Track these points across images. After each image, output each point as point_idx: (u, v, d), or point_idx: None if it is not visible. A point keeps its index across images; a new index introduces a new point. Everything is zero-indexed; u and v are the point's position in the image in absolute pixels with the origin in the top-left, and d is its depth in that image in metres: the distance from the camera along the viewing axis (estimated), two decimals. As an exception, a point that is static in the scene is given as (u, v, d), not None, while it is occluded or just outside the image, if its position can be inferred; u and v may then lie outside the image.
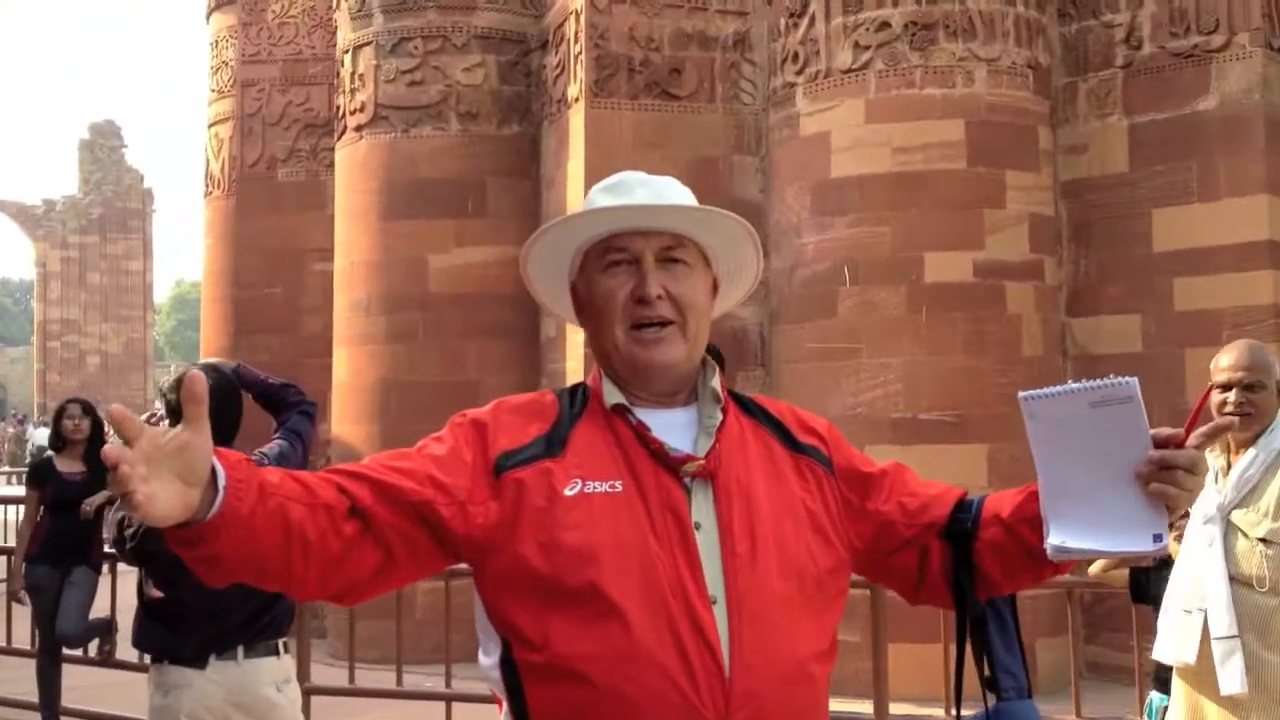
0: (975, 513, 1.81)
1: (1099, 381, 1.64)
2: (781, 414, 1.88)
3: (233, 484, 1.49)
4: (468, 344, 9.09)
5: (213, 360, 4.06)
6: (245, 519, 1.50)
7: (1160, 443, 1.63)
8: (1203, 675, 3.31)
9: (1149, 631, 5.93)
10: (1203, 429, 1.66)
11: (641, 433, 1.73)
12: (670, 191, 1.82)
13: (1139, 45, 7.59)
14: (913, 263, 7.34)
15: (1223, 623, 3.26)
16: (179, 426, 1.46)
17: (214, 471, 1.48)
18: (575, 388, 1.83)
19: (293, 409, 3.87)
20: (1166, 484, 1.62)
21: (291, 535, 1.56)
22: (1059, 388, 1.66)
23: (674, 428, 1.75)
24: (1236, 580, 3.29)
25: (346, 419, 9.43)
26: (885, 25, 7.44)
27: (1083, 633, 7.36)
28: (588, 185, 7.95)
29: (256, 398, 3.93)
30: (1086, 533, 1.67)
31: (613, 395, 1.77)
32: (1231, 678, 3.23)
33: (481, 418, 1.76)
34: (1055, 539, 1.69)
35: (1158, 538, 1.64)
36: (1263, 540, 3.26)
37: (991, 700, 1.92)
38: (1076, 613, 5.54)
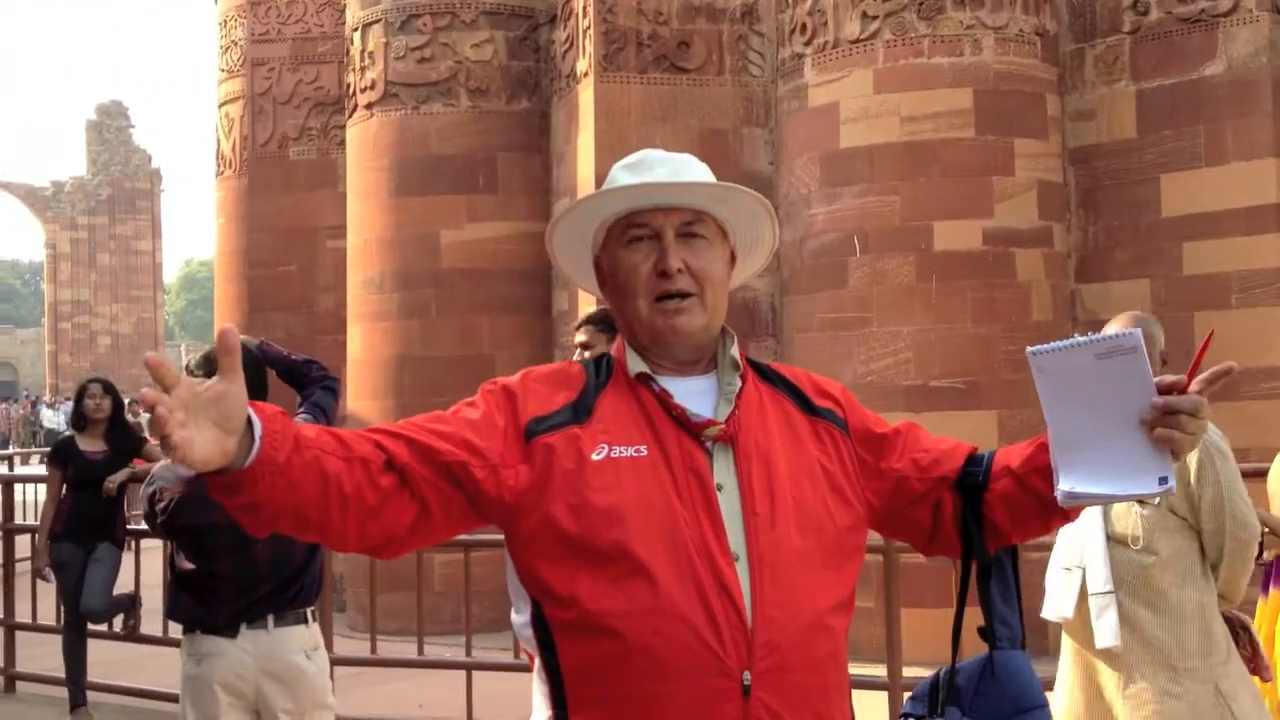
0: (986, 466, 1.90)
1: (1104, 333, 1.72)
2: (798, 379, 1.96)
3: (269, 434, 1.56)
4: (480, 319, 9.16)
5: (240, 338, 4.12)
6: (282, 467, 1.57)
7: (1164, 389, 1.72)
8: (1083, 630, 3.50)
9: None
10: (1205, 374, 1.74)
11: (664, 399, 1.81)
12: (689, 169, 1.91)
13: (1146, 11, 7.59)
14: (922, 232, 7.38)
15: (1099, 579, 3.45)
16: (215, 378, 1.53)
17: (250, 423, 1.55)
18: (600, 358, 1.92)
19: (316, 384, 3.95)
20: (1171, 428, 1.70)
21: (329, 486, 1.63)
22: (1066, 341, 1.75)
23: (695, 394, 1.83)
24: (1113, 539, 3.48)
25: (362, 395, 9.51)
26: (893, -6, 7.45)
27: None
28: (598, 159, 8.10)
29: (280, 374, 4.01)
30: (1095, 479, 1.76)
31: (636, 364, 1.85)
32: (1105, 632, 3.41)
33: (512, 385, 1.84)
34: (1065, 485, 1.77)
35: (1163, 480, 1.73)
36: (1138, 501, 3.39)
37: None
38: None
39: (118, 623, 6.96)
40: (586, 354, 3.39)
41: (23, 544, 7.78)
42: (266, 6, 11.08)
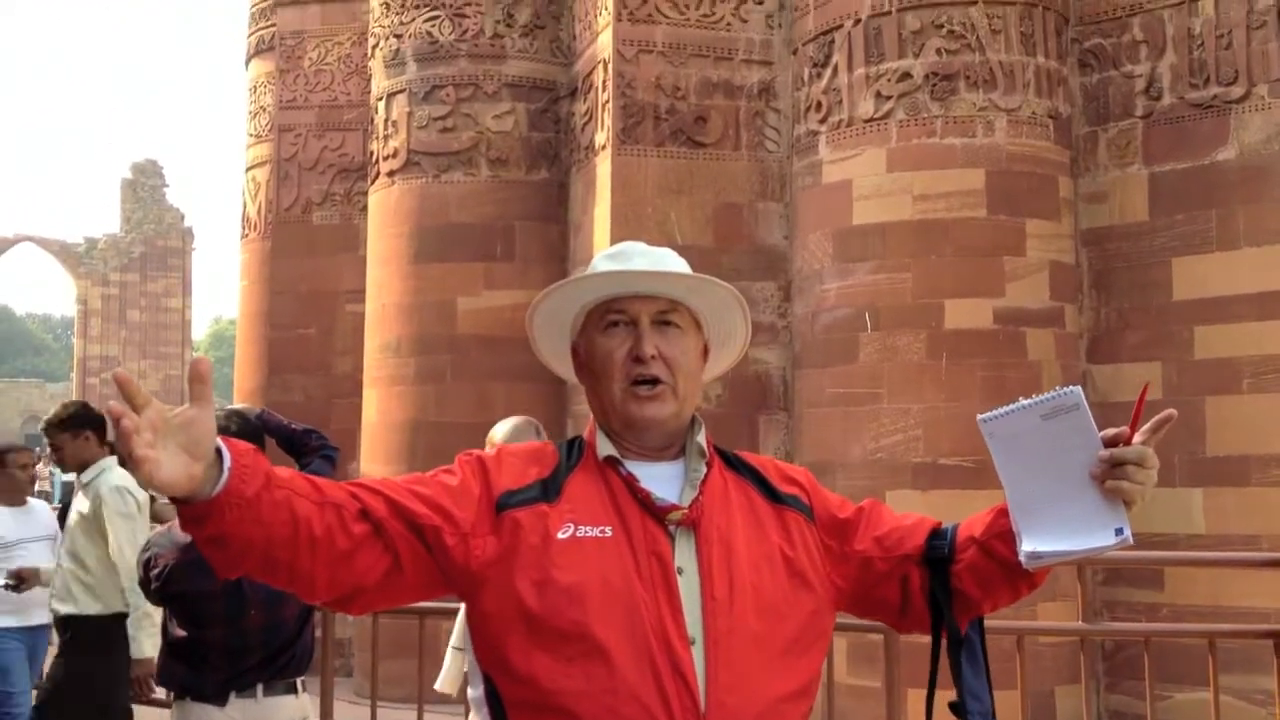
0: (951, 538, 1.93)
1: (1047, 394, 1.76)
2: (763, 467, 2.00)
3: (238, 467, 1.59)
4: (495, 385, 9.21)
5: (238, 406, 4.19)
6: (250, 501, 1.60)
7: (1109, 442, 1.76)
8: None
9: (1166, 679, 5.95)
10: (1147, 424, 1.78)
11: (631, 483, 1.85)
12: (667, 260, 1.97)
13: (1159, 96, 7.66)
14: (933, 309, 7.41)
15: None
16: (186, 404, 1.56)
17: (222, 456, 1.59)
18: (572, 441, 1.97)
19: (315, 454, 3.99)
20: (1120, 480, 1.75)
21: (299, 527, 1.66)
22: (1011, 405, 1.79)
23: (662, 479, 1.88)
24: None
25: (375, 459, 9.56)
26: (907, 76, 7.55)
27: (1104, 680, 7.39)
28: (614, 230, 8.19)
29: (280, 443, 4.06)
30: (1055, 537, 1.79)
31: (605, 448, 1.89)
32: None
33: (487, 458, 1.89)
34: (1028, 546, 1.80)
35: (1119, 531, 1.77)
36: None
37: None
38: (1092, 660, 5.56)
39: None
40: None
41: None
42: (295, 74, 11.30)
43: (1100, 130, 7.87)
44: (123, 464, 5.64)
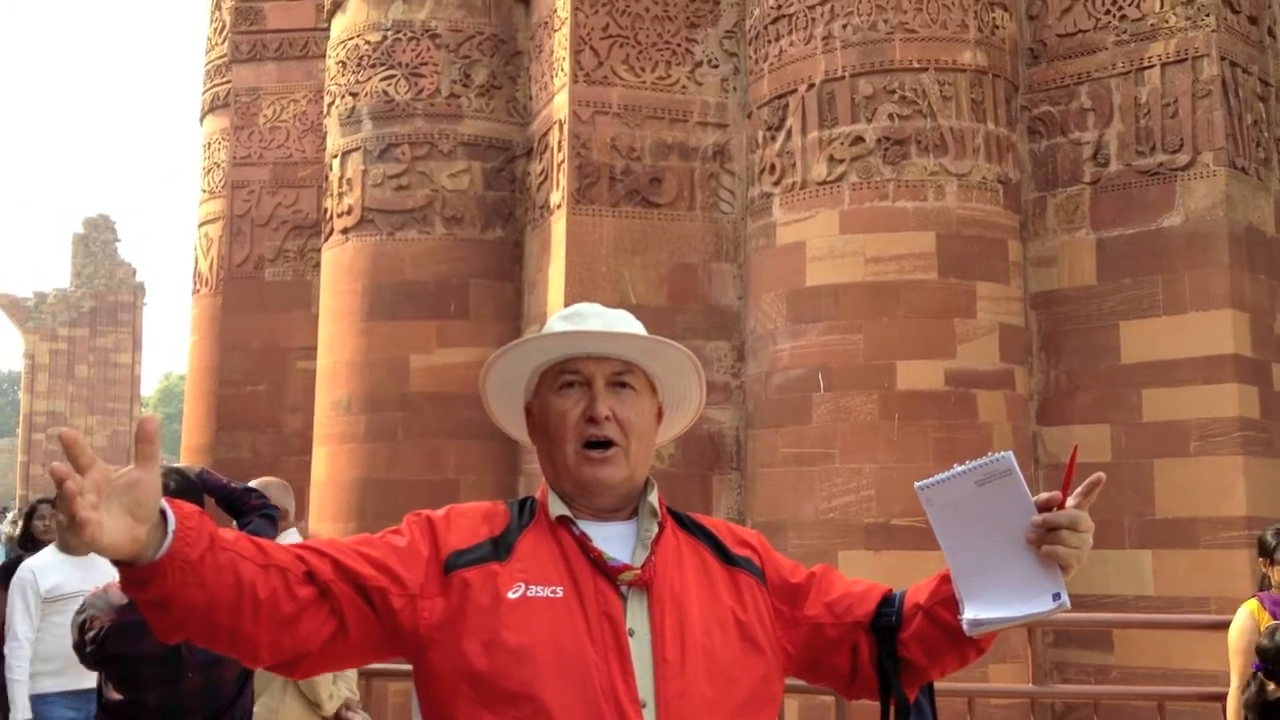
0: (899, 606, 1.92)
1: (980, 460, 1.76)
2: (717, 529, 1.99)
3: (183, 529, 1.56)
4: (447, 444, 9.15)
5: (177, 465, 4.13)
6: (194, 564, 1.56)
7: (1042, 507, 1.75)
8: None
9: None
10: (1079, 488, 1.78)
11: (583, 542, 1.83)
12: (623, 323, 1.96)
13: (1106, 162, 7.79)
14: (885, 370, 7.44)
15: None
16: (130, 465, 1.53)
17: (166, 518, 1.55)
18: (524, 500, 1.95)
19: (255, 513, 3.93)
20: (1054, 544, 1.75)
21: (243, 590, 1.62)
22: (946, 473, 1.79)
23: (614, 540, 1.86)
24: None
25: (325, 517, 9.44)
26: (859, 140, 7.64)
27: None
28: (568, 289, 8.19)
29: (219, 502, 4.00)
30: (996, 604, 1.79)
31: (557, 508, 1.88)
32: None
33: (436, 517, 1.86)
34: (970, 614, 1.80)
35: (1056, 596, 1.77)
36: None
37: None
38: (1043, 723, 5.54)
39: None
40: None
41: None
42: (250, 131, 11.29)
43: (1049, 195, 7.98)
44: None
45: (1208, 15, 7.50)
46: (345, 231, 9.59)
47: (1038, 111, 8.06)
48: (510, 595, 1.75)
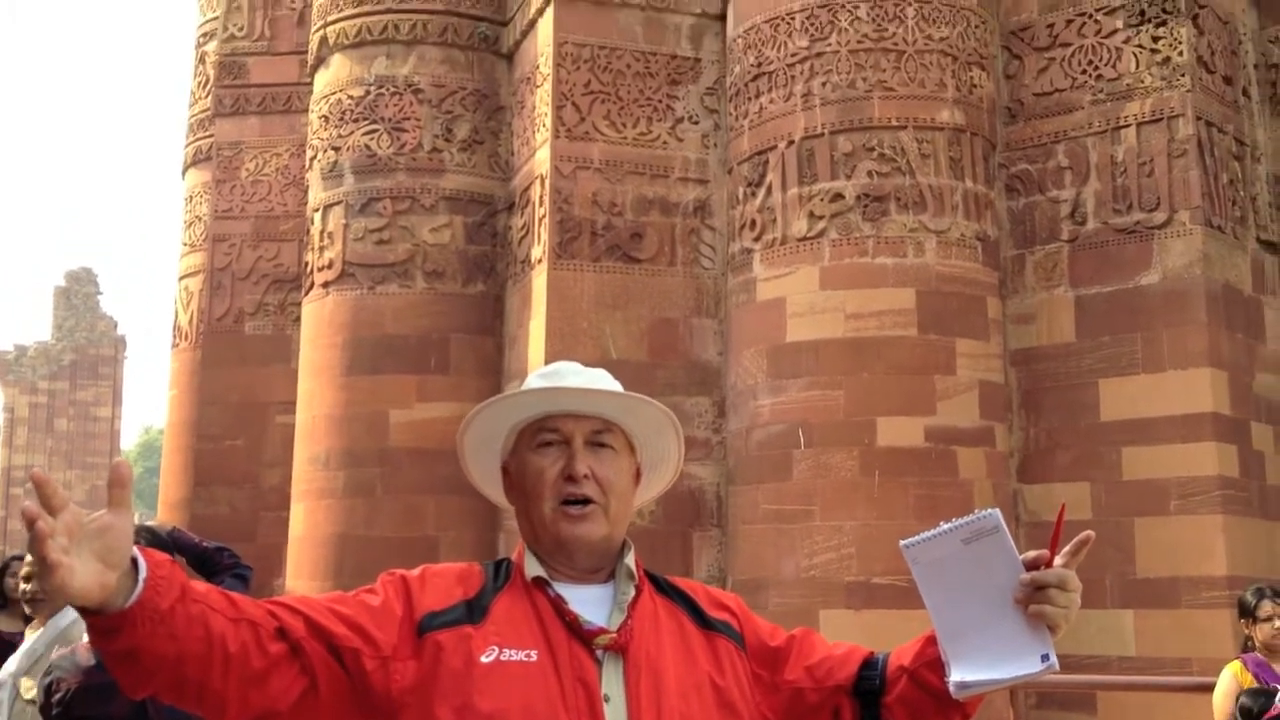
0: (881, 669, 1.89)
1: (966, 518, 1.73)
2: (694, 591, 1.96)
3: (154, 578, 1.52)
4: (426, 499, 9.08)
5: (148, 523, 4.08)
6: (164, 615, 1.52)
7: (1030, 565, 1.72)
8: None
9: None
10: (1067, 546, 1.75)
11: (559, 605, 1.80)
12: (602, 381, 1.95)
13: (1084, 220, 7.84)
14: (866, 427, 7.43)
15: None
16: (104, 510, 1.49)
17: (137, 566, 1.51)
18: (500, 562, 1.92)
19: (227, 572, 3.88)
20: (1042, 604, 1.72)
21: (213, 644, 1.58)
22: (932, 531, 1.75)
23: (590, 602, 1.83)
24: None
25: (301, 574, 9.34)
26: (839, 196, 7.67)
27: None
28: (549, 344, 8.17)
29: (190, 561, 3.94)
30: (983, 665, 1.75)
31: (533, 568, 1.85)
32: None
33: (410, 577, 1.83)
34: (956, 676, 1.76)
35: (1045, 657, 1.73)
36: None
37: None
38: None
39: None
40: None
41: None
42: (232, 184, 11.30)
43: (1027, 253, 8.02)
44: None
45: (1183, 75, 7.59)
46: (326, 285, 9.57)
47: (1015, 169, 8.12)
48: (483, 659, 1.72)
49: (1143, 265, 7.58)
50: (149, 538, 3.50)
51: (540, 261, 8.56)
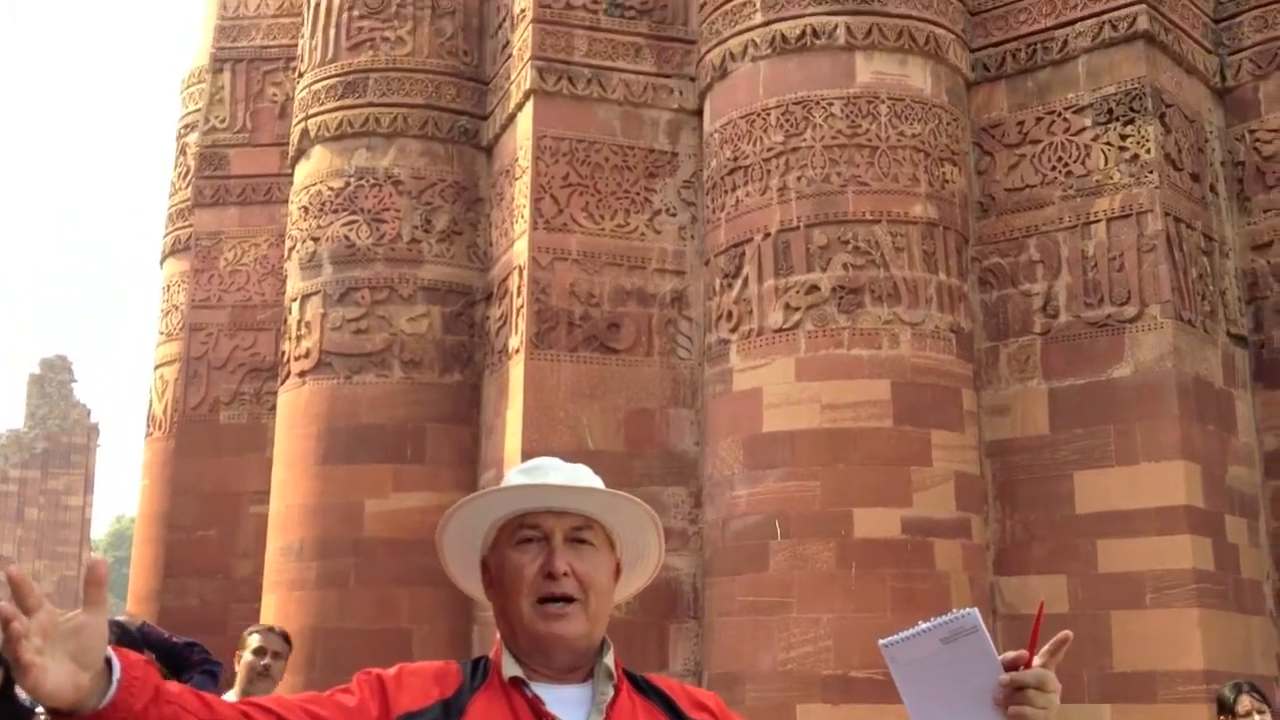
0: None
1: (945, 617, 1.73)
2: (672, 690, 1.95)
3: (128, 679, 1.50)
4: (400, 591, 8.98)
5: (119, 618, 4.03)
6: (138, 716, 1.51)
7: (1009, 665, 1.72)
8: None
9: None
10: (1046, 645, 1.75)
11: (536, 706, 1.79)
12: (583, 478, 1.95)
13: (1056, 314, 7.93)
14: (842, 518, 7.42)
15: None
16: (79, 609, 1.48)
17: (111, 666, 1.50)
18: (478, 660, 1.91)
19: (196, 668, 3.83)
20: (1022, 705, 1.71)
21: None
22: (911, 630, 1.75)
23: (568, 703, 1.82)
24: None
25: (271, 667, 9.19)
26: (814, 288, 7.75)
27: None
28: (525, 434, 8.17)
29: (160, 657, 3.89)
30: None
31: (511, 668, 1.84)
32: None
33: (387, 676, 1.82)
34: None
35: None
36: None
37: None
38: None
39: None
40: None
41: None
42: (210, 274, 11.33)
43: (1001, 345, 8.10)
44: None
45: (1151, 172, 7.73)
46: (302, 375, 9.56)
47: (988, 263, 8.22)
48: None
49: (1115, 358, 7.65)
50: (119, 633, 3.46)
51: (518, 351, 8.58)
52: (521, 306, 8.59)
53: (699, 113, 8.91)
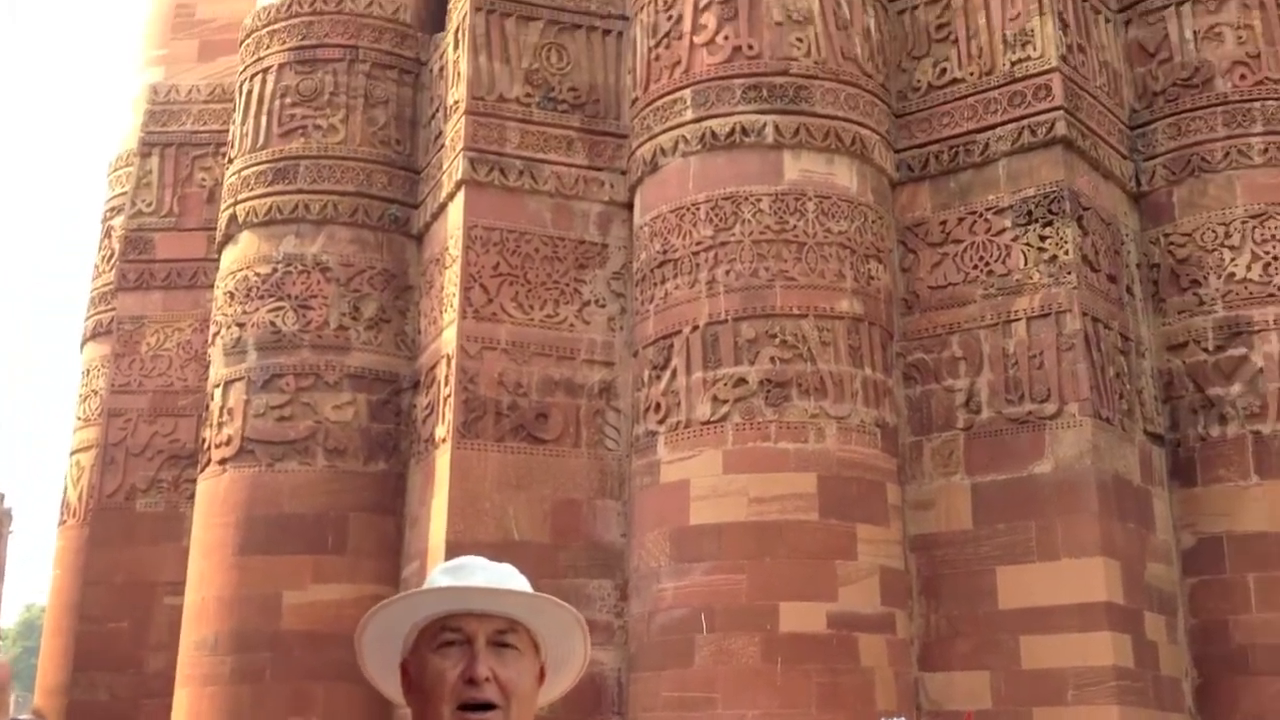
0: None
1: None
2: None
3: None
4: (316, 686, 8.75)
5: (21, 717, 3.89)
6: None
7: None
8: None
9: None
10: None
11: None
12: (509, 579, 1.92)
13: (978, 410, 8.03)
14: (768, 612, 7.38)
15: None
16: None
17: None
18: None
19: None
20: None
21: None
22: None
23: None
24: None
25: (181, 765, 8.90)
26: (742, 381, 7.79)
27: None
28: (450, 525, 8.07)
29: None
30: None
31: None
32: None
33: None
34: None
35: None
36: None
37: None
38: None
39: None
40: None
41: None
42: (131, 359, 11.15)
43: (925, 440, 8.17)
44: None
45: (1069, 273, 7.91)
46: (223, 462, 9.38)
47: (912, 358, 8.33)
48: None
49: (1036, 455, 7.75)
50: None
51: (444, 440, 8.51)
52: (449, 395, 8.53)
53: (630, 205, 9.00)
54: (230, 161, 10.32)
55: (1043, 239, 8.06)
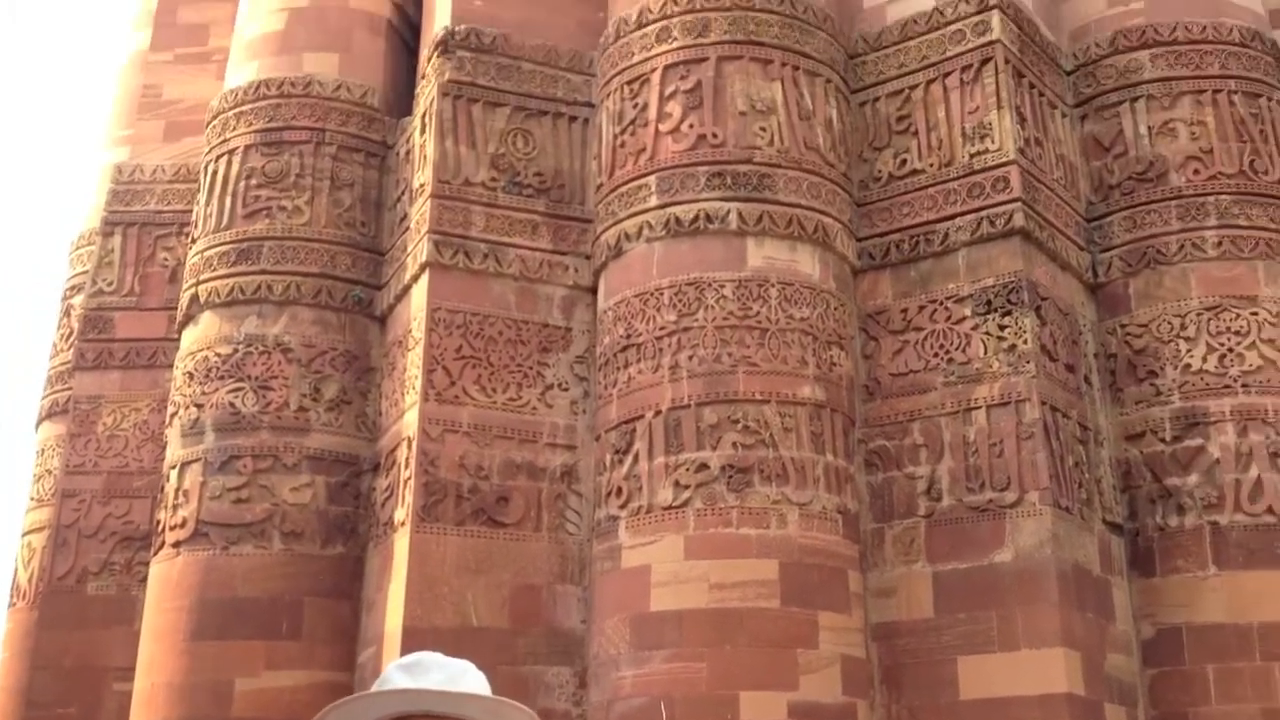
0: None
1: None
2: None
3: None
4: (268, 775, 8.56)
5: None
6: None
7: None
8: None
9: None
10: None
11: None
12: (465, 676, 1.90)
13: (939, 497, 8.04)
14: (729, 701, 7.29)
15: None
16: None
17: None
18: None
19: None
20: None
21: None
22: None
23: None
24: None
25: None
26: (704, 467, 7.78)
27: None
28: (408, 609, 7.95)
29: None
30: None
31: None
32: None
33: None
34: None
35: None
36: None
37: None
38: None
39: None
40: None
41: None
42: (87, 439, 11.00)
43: (886, 527, 8.17)
44: None
45: (1028, 362, 7.99)
46: (177, 545, 9.23)
47: (874, 445, 8.35)
48: None
49: (996, 543, 7.76)
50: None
51: (403, 524, 8.42)
52: (409, 478, 8.46)
53: (594, 290, 9.04)
54: (193, 242, 10.30)
55: (1002, 328, 8.15)
